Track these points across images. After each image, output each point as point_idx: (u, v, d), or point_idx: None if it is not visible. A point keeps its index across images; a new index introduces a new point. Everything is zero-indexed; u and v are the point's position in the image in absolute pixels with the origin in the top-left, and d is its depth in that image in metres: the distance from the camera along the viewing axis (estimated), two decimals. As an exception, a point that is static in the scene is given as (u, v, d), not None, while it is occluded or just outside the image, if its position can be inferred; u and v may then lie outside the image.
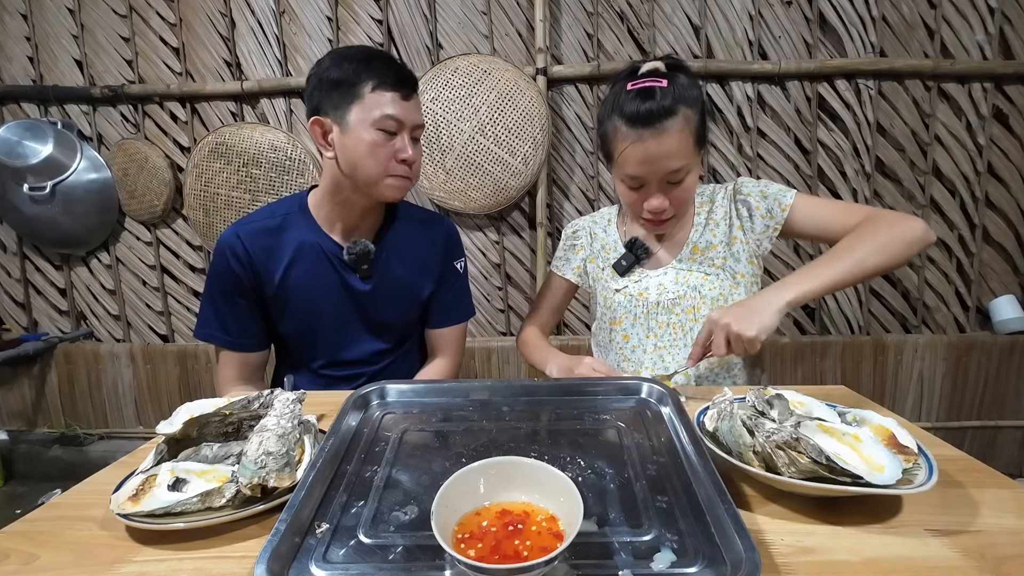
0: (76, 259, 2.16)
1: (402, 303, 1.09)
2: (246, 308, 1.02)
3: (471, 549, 0.44)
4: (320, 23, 1.95)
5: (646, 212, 0.97)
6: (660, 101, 0.88)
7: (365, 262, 1.02)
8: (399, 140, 0.95)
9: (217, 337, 1.01)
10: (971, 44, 1.83)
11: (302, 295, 1.02)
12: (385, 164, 0.94)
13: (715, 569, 0.44)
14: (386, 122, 0.93)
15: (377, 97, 0.92)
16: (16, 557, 0.51)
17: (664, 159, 0.90)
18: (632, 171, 0.93)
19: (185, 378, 2.15)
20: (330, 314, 1.04)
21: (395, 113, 0.93)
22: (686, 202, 0.99)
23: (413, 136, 0.98)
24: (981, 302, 1.99)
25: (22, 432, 2.23)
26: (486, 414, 0.74)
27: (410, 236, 1.10)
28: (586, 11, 1.89)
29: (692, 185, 0.96)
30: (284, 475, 0.57)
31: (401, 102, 0.93)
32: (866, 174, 1.91)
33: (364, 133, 0.92)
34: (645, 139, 0.89)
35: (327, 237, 1.02)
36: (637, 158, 0.91)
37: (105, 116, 2.05)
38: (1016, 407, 1.99)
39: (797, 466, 0.54)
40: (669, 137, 0.89)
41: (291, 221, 1.02)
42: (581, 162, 1.98)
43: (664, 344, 1.04)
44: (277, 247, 1.00)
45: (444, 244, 1.13)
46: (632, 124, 0.90)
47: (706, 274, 1.03)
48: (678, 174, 0.92)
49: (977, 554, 0.48)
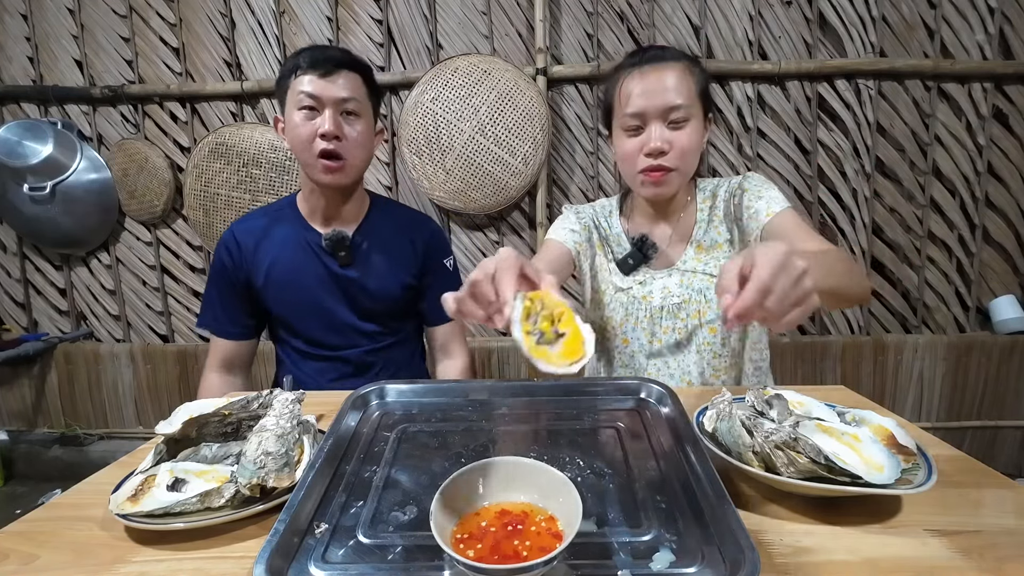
0: (76, 259, 2.16)
1: (384, 287, 1.12)
2: (236, 299, 1.11)
3: (470, 549, 0.44)
4: (320, 23, 1.95)
5: (644, 160, 0.92)
6: (664, 51, 0.94)
7: (342, 248, 1.08)
8: (321, 118, 0.99)
9: (210, 324, 1.13)
10: (971, 44, 1.83)
11: (289, 282, 1.09)
12: (309, 142, 0.99)
13: (714, 569, 0.44)
14: (303, 99, 0.98)
15: (298, 80, 0.99)
16: (16, 557, 0.51)
17: (665, 91, 0.90)
18: (632, 107, 0.92)
19: (185, 378, 2.15)
20: (316, 298, 1.10)
21: (310, 90, 0.97)
22: (687, 155, 0.93)
23: (344, 110, 1.00)
24: (981, 302, 1.99)
25: (22, 432, 2.23)
26: (485, 414, 0.74)
27: (390, 229, 1.14)
28: (586, 11, 1.89)
29: (694, 138, 0.92)
30: (283, 475, 0.57)
31: (318, 80, 0.98)
32: (866, 174, 1.91)
33: (292, 116, 1.00)
34: (646, 72, 0.92)
35: (311, 228, 1.10)
36: (637, 90, 0.92)
37: (105, 116, 2.05)
38: (1016, 407, 1.99)
39: (796, 466, 0.54)
40: (671, 72, 0.91)
41: (281, 216, 1.12)
42: (581, 162, 1.98)
43: (668, 351, 1.01)
44: (266, 240, 1.09)
45: (426, 241, 1.16)
46: (635, 64, 0.93)
47: (712, 276, 0.99)
48: (678, 112, 0.90)
49: (977, 554, 0.48)
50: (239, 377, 1.16)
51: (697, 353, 1.00)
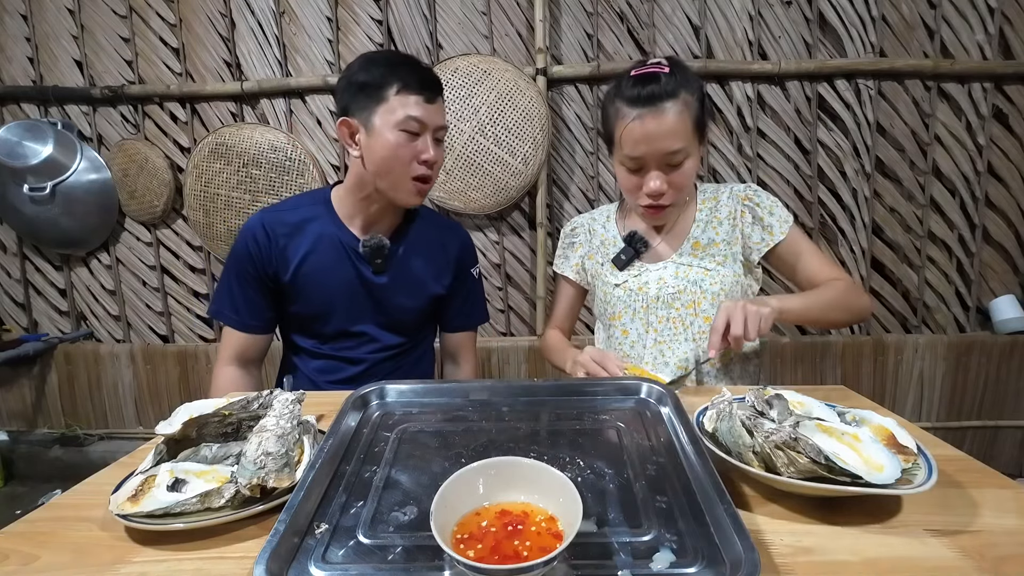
0: (76, 259, 2.16)
1: (413, 299, 1.11)
2: (258, 292, 1.07)
3: (470, 550, 0.44)
4: (320, 23, 1.95)
5: (644, 197, 0.98)
6: (663, 85, 0.91)
7: (379, 256, 1.06)
8: (421, 141, 0.98)
9: (226, 315, 1.07)
10: (971, 44, 1.83)
11: (317, 282, 1.06)
12: (407, 164, 0.98)
13: (714, 569, 0.44)
14: (409, 123, 0.96)
15: (401, 100, 0.95)
16: (16, 558, 0.51)
17: (663, 138, 0.92)
18: (632, 151, 0.95)
19: (185, 378, 2.15)
20: (343, 303, 1.07)
21: (418, 115, 0.96)
22: (684, 189, 0.99)
23: (436, 137, 1.00)
24: (981, 302, 1.99)
25: (22, 432, 2.23)
26: (486, 414, 0.74)
27: (426, 237, 1.13)
28: (586, 11, 1.89)
29: (691, 172, 0.97)
30: (283, 475, 0.57)
31: (424, 105, 0.96)
32: (866, 174, 1.91)
33: (388, 134, 0.96)
34: (645, 118, 0.92)
35: (346, 230, 1.07)
36: (637, 137, 0.93)
37: (105, 116, 2.05)
38: (1016, 407, 1.99)
39: (796, 466, 0.54)
40: (669, 117, 0.91)
41: (314, 213, 1.07)
42: (581, 162, 1.98)
43: (664, 339, 1.04)
44: (297, 236, 1.05)
45: (458, 250, 1.16)
46: (633, 104, 0.93)
47: (707, 269, 1.03)
48: (677, 156, 0.94)
49: (977, 554, 0.48)
50: (254, 371, 1.12)
51: (693, 341, 1.03)
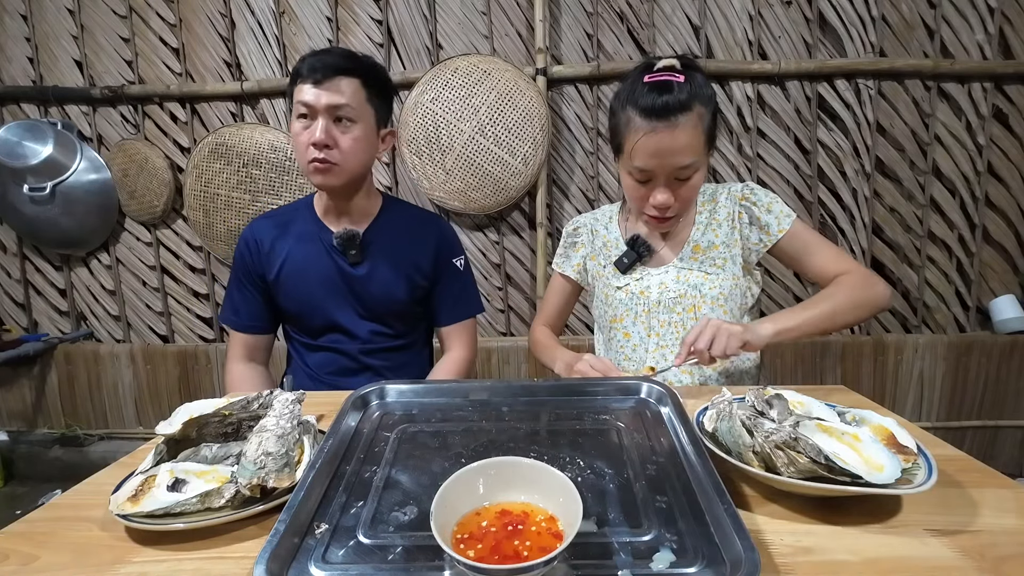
0: (76, 259, 2.16)
1: (392, 289, 1.12)
2: (253, 294, 1.14)
3: (470, 549, 0.44)
4: (320, 23, 1.95)
5: (650, 208, 0.97)
6: (677, 95, 0.88)
7: (352, 247, 1.09)
8: (314, 125, 0.99)
9: (230, 319, 1.16)
10: (971, 44, 1.83)
11: (299, 278, 1.10)
12: (304, 150, 1.00)
13: (714, 569, 0.44)
14: (299, 108, 1.00)
15: (297, 89, 1.00)
16: (16, 558, 0.51)
17: (675, 153, 0.90)
18: (642, 163, 0.93)
19: (185, 379, 2.15)
20: (324, 296, 1.11)
21: (306, 99, 0.98)
22: (691, 201, 1.00)
23: (336, 117, 1.00)
24: (981, 302, 1.99)
25: (22, 433, 2.23)
26: (486, 414, 0.74)
27: (401, 228, 1.14)
28: (586, 11, 1.89)
29: (698, 184, 0.96)
30: (283, 475, 0.57)
31: (312, 88, 0.98)
32: (866, 174, 1.91)
33: (292, 124, 1.02)
34: (658, 131, 0.89)
35: (324, 227, 1.12)
36: (649, 150, 0.91)
37: (105, 117, 2.05)
38: (1016, 407, 1.99)
39: (796, 466, 0.54)
40: (682, 132, 0.89)
41: (298, 215, 1.14)
42: (581, 162, 1.98)
43: (665, 343, 1.04)
44: (282, 237, 1.12)
45: (437, 240, 1.16)
46: (647, 116, 0.90)
47: (707, 273, 1.03)
48: (687, 171, 0.92)
49: (977, 554, 0.48)
50: (262, 366, 1.18)
51: None
